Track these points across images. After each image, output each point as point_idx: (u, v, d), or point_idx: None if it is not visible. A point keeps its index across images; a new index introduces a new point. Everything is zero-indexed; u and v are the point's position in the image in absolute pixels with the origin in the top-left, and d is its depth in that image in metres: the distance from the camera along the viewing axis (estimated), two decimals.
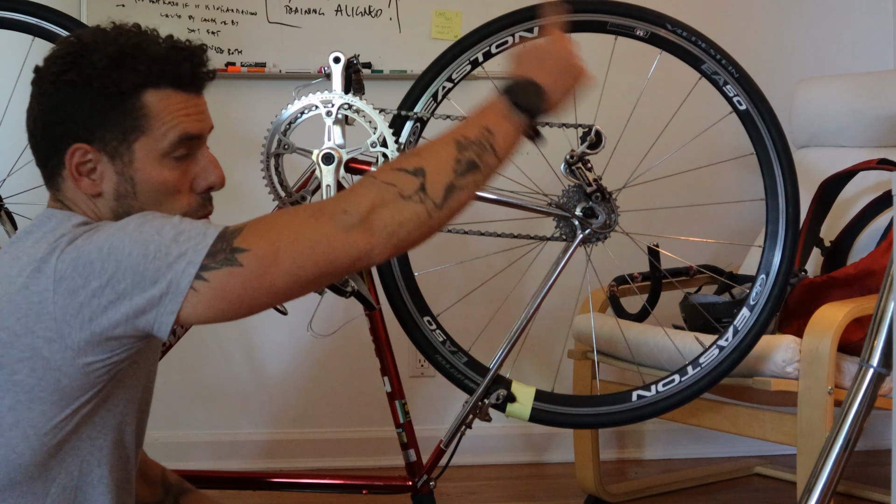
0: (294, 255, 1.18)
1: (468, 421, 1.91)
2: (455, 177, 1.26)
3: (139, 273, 1.16)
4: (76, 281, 1.17)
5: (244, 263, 1.17)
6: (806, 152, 2.79)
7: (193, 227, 1.20)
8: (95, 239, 1.19)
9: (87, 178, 1.31)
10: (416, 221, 1.23)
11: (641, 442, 3.01)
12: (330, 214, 1.21)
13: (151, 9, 2.75)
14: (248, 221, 1.22)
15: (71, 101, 1.30)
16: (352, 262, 1.21)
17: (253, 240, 1.19)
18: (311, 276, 1.20)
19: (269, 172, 1.85)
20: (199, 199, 1.35)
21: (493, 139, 1.29)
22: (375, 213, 1.21)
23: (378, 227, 1.21)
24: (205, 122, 1.36)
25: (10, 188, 2.15)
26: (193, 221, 1.23)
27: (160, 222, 1.20)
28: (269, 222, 1.23)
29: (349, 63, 1.90)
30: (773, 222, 1.93)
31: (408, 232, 1.23)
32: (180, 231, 1.19)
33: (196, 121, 1.33)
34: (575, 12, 1.89)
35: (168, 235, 1.18)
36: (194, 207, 1.34)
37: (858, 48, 3.05)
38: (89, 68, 1.28)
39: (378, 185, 1.23)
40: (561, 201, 1.90)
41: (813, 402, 1.98)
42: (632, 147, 2.06)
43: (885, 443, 2.78)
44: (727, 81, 1.91)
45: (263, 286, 1.18)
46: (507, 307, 2.36)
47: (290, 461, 2.85)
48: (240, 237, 1.19)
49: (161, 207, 1.30)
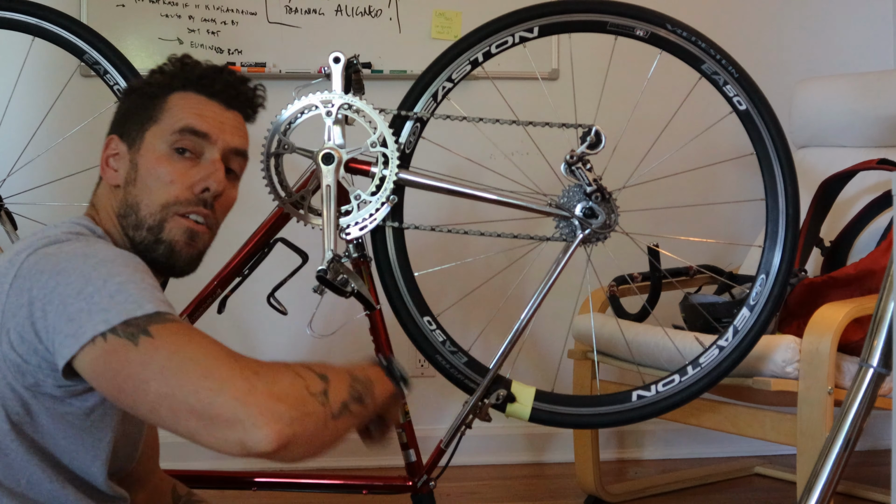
0: (185, 371, 1.11)
1: (468, 421, 1.91)
2: (350, 398, 1.22)
3: (64, 304, 1.16)
4: (25, 283, 1.19)
5: (139, 346, 1.12)
6: (806, 152, 2.79)
7: (140, 293, 1.17)
8: (61, 253, 1.21)
9: (111, 169, 1.39)
10: (314, 420, 1.14)
11: (641, 442, 3.01)
12: (244, 365, 1.14)
13: (151, 9, 2.75)
14: (186, 323, 1.18)
15: (122, 102, 1.45)
16: (231, 421, 1.08)
17: (166, 334, 1.14)
18: (182, 405, 1.10)
19: (269, 172, 1.85)
20: (193, 197, 1.36)
21: (373, 388, 1.29)
22: (283, 390, 1.13)
23: (283, 405, 1.10)
24: (223, 132, 1.39)
25: (10, 188, 2.16)
26: (147, 289, 1.19)
27: (117, 269, 1.19)
28: (195, 333, 1.17)
29: (349, 63, 1.89)
30: (773, 222, 1.93)
31: (305, 427, 1.12)
32: (123, 290, 1.17)
33: (209, 122, 1.38)
34: (575, 12, 1.89)
35: (111, 287, 1.16)
36: (181, 201, 1.35)
37: (858, 48, 3.05)
38: (147, 78, 1.45)
39: (290, 371, 1.18)
40: (561, 201, 1.90)
41: (813, 402, 1.99)
42: (632, 147, 2.06)
43: (885, 443, 2.79)
44: (727, 81, 1.91)
45: (135, 379, 1.12)
46: (507, 307, 2.36)
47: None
48: (160, 325, 1.14)
49: (151, 196, 1.34)
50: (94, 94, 2.47)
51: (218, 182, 1.37)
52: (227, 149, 1.40)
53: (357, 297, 1.84)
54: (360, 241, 1.92)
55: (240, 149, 1.43)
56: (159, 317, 1.16)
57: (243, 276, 1.95)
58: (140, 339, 1.13)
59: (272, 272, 1.92)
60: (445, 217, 2.59)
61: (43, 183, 2.26)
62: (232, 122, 1.42)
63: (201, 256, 1.42)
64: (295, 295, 1.91)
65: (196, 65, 1.44)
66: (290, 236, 1.95)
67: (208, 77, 1.41)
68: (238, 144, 1.42)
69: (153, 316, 1.15)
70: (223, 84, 1.42)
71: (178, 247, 1.36)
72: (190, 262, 1.39)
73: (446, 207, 2.51)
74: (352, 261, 1.91)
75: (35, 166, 2.30)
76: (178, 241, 1.36)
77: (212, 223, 1.39)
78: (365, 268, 1.95)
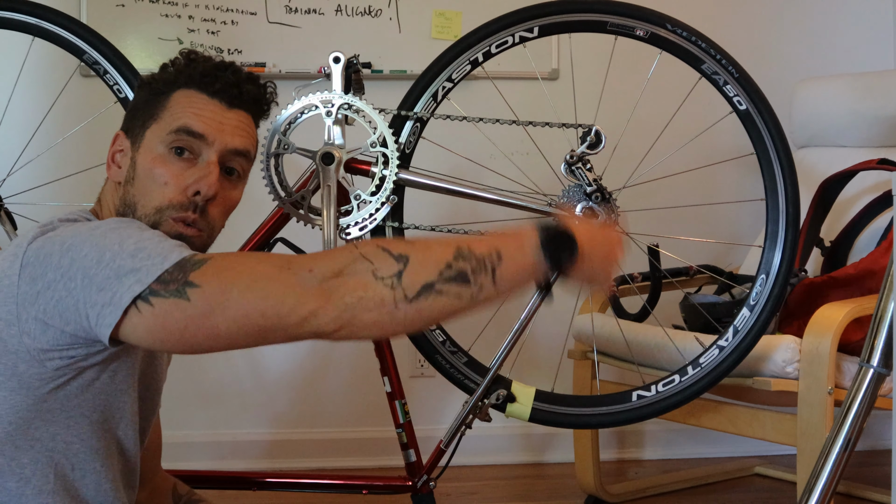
0: (244, 303, 1.13)
1: (468, 421, 1.91)
2: (438, 279, 1.17)
3: (89, 276, 1.15)
4: (37, 269, 1.18)
5: (192, 299, 1.13)
6: (806, 152, 2.79)
7: (158, 246, 1.18)
8: (64, 233, 1.21)
9: (115, 165, 1.39)
10: (377, 304, 1.14)
11: (641, 442, 3.01)
12: (296, 269, 1.15)
13: (151, 9, 2.75)
14: (216, 255, 1.19)
15: (135, 97, 1.43)
16: (299, 321, 1.14)
17: (209, 277, 1.14)
18: (255, 327, 1.14)
19: (269, 172, 1.85)
20: (185, 201, 1.33)
21: (499, 265, 1.20)
22: (339, 280, 1.14)
23: (337, 294, 1.14)
24: (221, 133, 1.36)
25: (10, 188, 2.16)
26: (162, 241, 1.20)
27: (128, 232, 1.20)
28: (233, 262, 1.18)
29: (349, 63, 1.89)
30: (773, 222, 1.93)
31: (365, 311, 1.14)
32: (141, 247, 1.17)
33: (207, 122, 1.35)
34: (575, 12, 1.89)
35: (128, 248, 1.17)
36: (175, 205, 1.33)
37: (858, 48, 3.05)
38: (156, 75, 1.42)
39: (355, 256, 1.17)
40: (561, 201, 1.90)
41: (813, 402, 1.98)
42: (632, 147, 2.06)
43: (885, 443, 2.79)
44: (727, 81, 1.91)
45: (205, 328, 1.14)
46: (507, 307, 2.35)
47: (290, 461, 2.85)
48: (198, 271, 1.15)
49: (147, 196, 1.33)
50: (94, 94, 2.47)
51: (209, 185, 1.34)
52: (226, 150, 1.37)
53: None
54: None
55: (240, 149, 1.39)
56: (189, 263, 1.16)
57: None
58: (188, 293, 1.14)
59: None
60: (445, 217, 2.59)
61: (43, 183, 2.26)
62: (233, 121, 1.39)
63: None
64: None
65: (202, 61, 1.40)
66: (290, 236, 1.95)
67: (210, 75, 1.38)
68: (238, 145, 1.38)
69: (183, 264, 1.16)
70: (224, 83, 1.38)
71: None
72: None
73: (446, 207, 2.51)
74: None
75: (35, 166, 2.30)
76: None
77: (203, 226, 1.36)
78: None
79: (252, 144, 1.43)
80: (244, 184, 1.45)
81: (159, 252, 1.17)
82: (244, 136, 1.41)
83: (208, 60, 1.41)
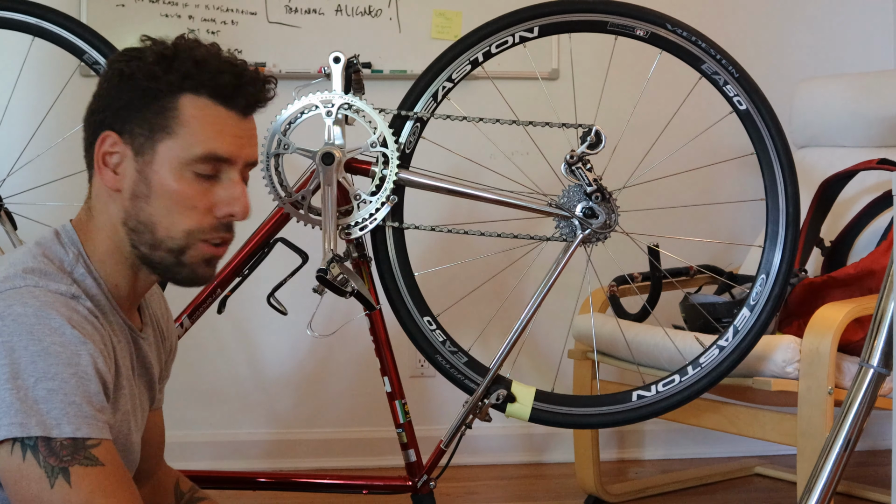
0: None
1: (468, 421, 1.91)
2: None
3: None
4: None
5: (54, 488, 1.13)
6: (806, 152, 2.79)
7: (64, 409, 1.14)
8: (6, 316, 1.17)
9: (110, 170, 1.29)
10: None
11: (641, 442, 3.01)
12: None
13: (151, 9, 2.75)
14: (112, 464, 1.17)
15: (115, 89, 1.30)
16: None
17: (85, 484, 1.14)
18: None
19: (269, 172, 1.85)
20: (216, 223, 1.30)
21: None
22: None
23: None
24: (242, 149, 1.31)
25: (10, 188, 2.16)
26: (77, 404, 1.16)
27: (55, 370, 1.16)
28: (114, 488, 1.16)
29: (349, 63, 1.90)
30: (774, 222, 1.94)
31: None
32: (50, 398, 1.14)
33: (230, 143, 1.29)
34: (575, 12, 1.89)
35: (41, 390, 1.14)
36: (205, 228, 1.29)
37: (858, 48, 3.05)
38: (138, 62, 1.28)
39: None
40: (561, 201, 1.90)
41: (813, 402, 1.98)
42: (632, 147, 2.06)
43: (885, 443, 2.78)
44: (727, 81, 1.91)
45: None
46: (507, 307, 2.36)
47: (290, 461, 2.85)
48: (83, 469, 1.14)
49: (171, 218, 1.28)
50: None
51: (243, 208, 1.31)
52: (245, 164, 1.33)
53: (357, 297, 1.83)
54: (360, 241, 1.92)
55: (254, 162, 1.35)
56: (84, 449, 1.14)
57: (243, 276, 1.95)
58: (56, 482, 1.12)
59: (272, 272, 1.92)
60: (445, 217, 2.59)
61: (43, 183, 2.26)
62: (248, 132, 1.33)
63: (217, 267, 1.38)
64: (295, 295, 1.91)
65: (212, 63, 1.29)
66: (290, 236, 1.95)
67: (229, 87, 1.29)
68: (254, 157, 1.35)
69: (78, 446, 1.14)
70: (232, 84, 1.29)
71: (200, 271, 1.32)
72: (210, 276, 1.35)
73: (446, 207, 2.51)
74: (352, 261, 1.91)
75: (35, 166, 2.30)
76: (199, 266, 1.32)
77: (231, 240, 1.35)
78: (365, 268, 1.95)
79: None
80: None
81: (63, 415, 1.14)
82: (256, 146, 1.37)
83: (217, 61, 1.30)
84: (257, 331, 2.86)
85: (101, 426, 1.17)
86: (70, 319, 1.20)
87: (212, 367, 2.86)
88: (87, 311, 1.24)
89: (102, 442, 1.17)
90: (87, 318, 1.23)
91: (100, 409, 1.18)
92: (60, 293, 1.22)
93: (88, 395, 1.17)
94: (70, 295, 1.23)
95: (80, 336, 1.19)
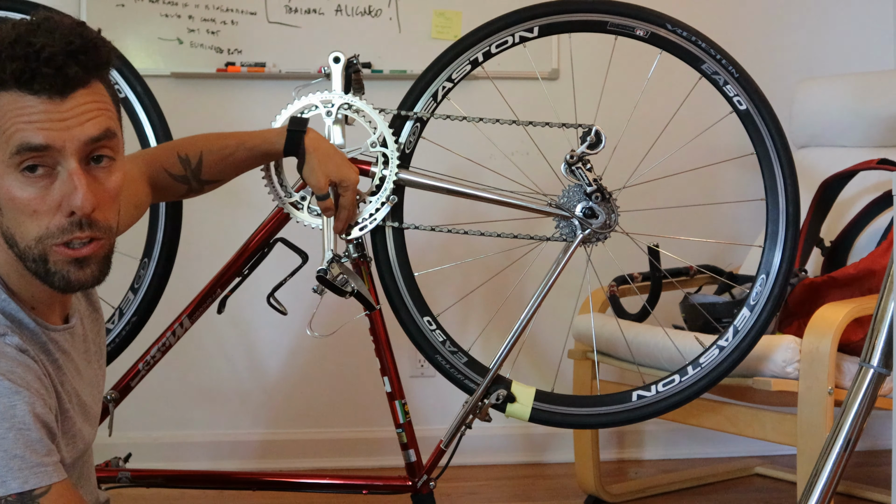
0: None
1: (468, 421, 1.91)
2: None
3: None
4: None
5: None
6: (806, 152, 2.79)
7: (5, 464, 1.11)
8: None
9: None
10: None
11: (641, 442, 3.01)
12: None
13: (151, 9, 2.75)
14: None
15: None
16: None
17: None
18: None
19: (268, 173, 1.85)
20: (65, 223, 1.18)
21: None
22: None
23: None
24: (67, 131, 1.16)
25: None
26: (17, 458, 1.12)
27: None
28: None
29: (349, 63, 1.89)
30: (774, 222, 1.93)
31: None
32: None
33: (40, 129, 1.15)
34: (575, 12, 1.89)
35: None
36: (54, 231, 1.18)
37: (858, 48, 3.05)
38: None
39: None
40: (561, 201, 1.90)
41: (813, 402, 1.99)
42: (632, 147, 2.06)
43: (885, 443, 2.79)
44: (727, 81, 1.91)
45: None
46: (507, 307, 2.36)
47: (290, 461, 2.85)
48: None
49: (22, 228, 1.18)
50: None
51: (82, 201, 1.17)
52: (81, 145, 1.18)
53: (357, 297, 1.83)
54: (360, 241, 1.92)
55: (96, 135, 1.19)
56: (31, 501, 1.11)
57: (243, 276, 1.95)
58: None
59: (272, 272, 1.92)
60: (445, 217, 2.59)
61: None
62: (74, 110, 1.17)
63: (107, 262, 1.25)
64: (295, 295, 1.91)
65: (6, 50, 1.15)
66: (290, 236, 1.95)
67: (25, 74, 1.14)
68: (92, 133, 1.18)
69: (21, 500, 1.11)
70: (44, 80, 1.14)
71: (72, 275, 1.21)
72: (93, 278, 1.24)
73: (446, 207, 2.51)
74: (352, 261, 1.91)
75: None
76: (68, 272, 1.21)
77: (100, 233, 1.22)
78: (365, 268, 1.94)
79: (111, 118, 1.22)
80: (121, 158, 1.26)
81: (8, 470, 1.11)
82: (96, 118, 1.19)
83: (8, 49, 1.15)
84: (257, 331, 2.86)
85: (50, 471, 1.14)
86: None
87: (212, 367, 2.87)
88: (16, 349, 1.18)
89: (52, 487, 1.13)
90: (17, 358, 1.17)
91: (46, 454, 1.14)
92: None
93: (31, 444, 1.13)
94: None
95: (12, 385, 1.13)
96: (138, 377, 1.95)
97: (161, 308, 1.97)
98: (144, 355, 1.94)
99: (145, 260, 1.94)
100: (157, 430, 2.77)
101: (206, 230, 2.68)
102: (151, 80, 2.07)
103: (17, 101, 1.15)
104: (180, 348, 2.03)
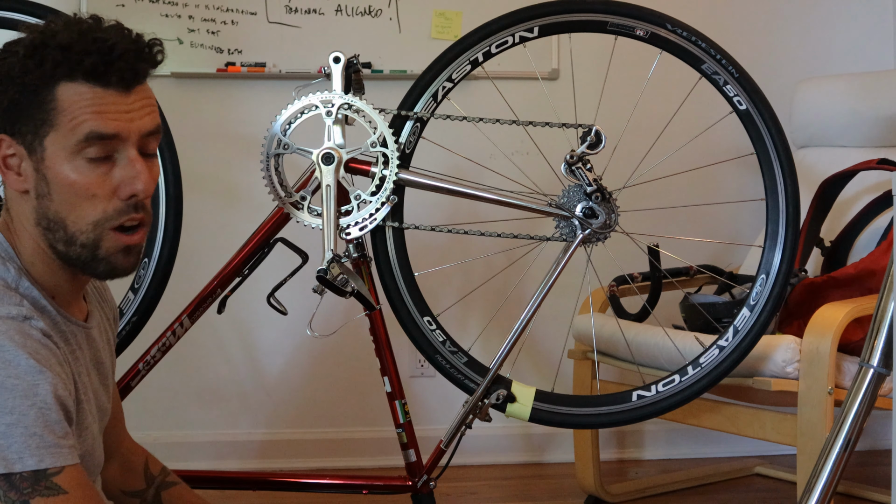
0: None
1: (468, 421, 1.91)
2: None
3: None
4: None
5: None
6: (806, 152, 2.79)
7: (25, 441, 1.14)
8: None
9: (14, 173, 1.27)
10: None
11: (641, 442, 3.01)
12: None
13: (151, 9, 2.75)
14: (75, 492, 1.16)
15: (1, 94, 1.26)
16: None
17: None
18: None
19: (268, 172, 1.85)
20: (122, 205, 1.26)
21: None
22: None
23: None
24: (130, 122, 1.25)
25: None
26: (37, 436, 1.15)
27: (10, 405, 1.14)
28: None
29: (349, 63, 1.90)
30: (773, 222, 1.94)
31: None
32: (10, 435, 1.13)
33: (110, 119, 1.23)
34: (575, 12, 1.89)
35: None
36: (112, 214, 1.25)
37: (858, 48, 3.05)
38: (13, 58, 1.24)
39: None
40: (561, 201, 1.90)
41: (813, 402, 1.99)
42: (632, 147, 2.06)
43: (885, 443, 2.79)
44: (727, 81, 1.91)
45: None
46: (507, 307, 2.36)
47: (290, 461, 2.85)
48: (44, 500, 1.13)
49: (76, 211, 1.24)
50: None
51: (145, 183, 1.26)
52: (141, 136, 1.27)
53: (357, 297, 1.84)
54: (360, 241, 1.92)
55: (152, 129, 1.29)
56: (45, 480, 1.13)
57: (243, 276, 1.95)
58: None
59: (272, 272, 1.92)
60: (445, 217, 2.59)
61: None
62: (138, 104, 1.26)
63: (141, 252, 1.34)
64: (295, 295, 1.91)
65: (78, 45, 1.23)
66: (290, 236, 1.95)
67: (101, 68, 1.23)
68: (150, 127, 1.28)
69: (38, 477, 1.13)
70: (119, 74, 1.24)
71: (118, 262, 1.28)
72: (132, 266, 1.31)
73: (446, 207, 2.51)
74: (352, 261, 1.92)
75: None
76: (117, 257, 1.28)
77: (147, 217, 1.30)
78: (365, 268, 1.95)
79: (158, 114, 1.32)
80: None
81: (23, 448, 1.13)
82: (151, 113, 1.29)
83: (83, 42, 1.23)
84: (257, 331, 2.86)
85: (65, 452, 1.16)
86: (24, 347, 1.17)
87: (212, 367, 2.86)
88: (41, 332, 1.21)
89: (65, 469, 1.15)
90: (41, 341, 1.21)
91: (63, 436, 1.17)
92: (11, 317, 1.20)
93: (49, 424, 1.16)
94: (21, 318, 1.21)
95: (37, 365, 1.17)
96: (138, 377, 1.95)
97: (161, 308, 1.98)
98: (144, 355, 1.94)
99: (145, 260, 1.95)
100: (157, 430, 2.77)
101: (206, 230, 2.68)
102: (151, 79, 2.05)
103: (86, 92, 1.23)
104: (180, 348, 2.03)
